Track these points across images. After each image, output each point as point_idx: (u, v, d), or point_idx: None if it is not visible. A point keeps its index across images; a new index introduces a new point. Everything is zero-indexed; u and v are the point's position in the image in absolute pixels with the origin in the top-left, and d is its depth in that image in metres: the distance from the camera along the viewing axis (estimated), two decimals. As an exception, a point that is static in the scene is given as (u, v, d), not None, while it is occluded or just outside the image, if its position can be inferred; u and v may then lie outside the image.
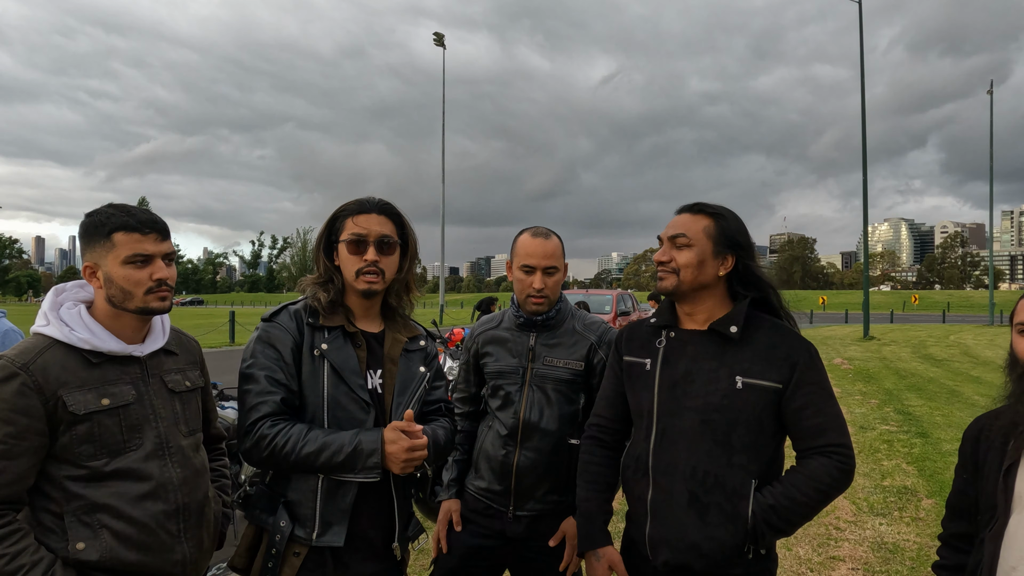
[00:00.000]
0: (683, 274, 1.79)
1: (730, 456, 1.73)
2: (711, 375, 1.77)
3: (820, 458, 1.72)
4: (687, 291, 1.83)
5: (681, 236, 1.80)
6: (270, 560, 1.77)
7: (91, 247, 1.62)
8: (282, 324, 1.86)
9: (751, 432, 1.74)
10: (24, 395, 1.50)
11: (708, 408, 1.75)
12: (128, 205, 1.65)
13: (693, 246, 1.80)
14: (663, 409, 1.81)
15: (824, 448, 1.72)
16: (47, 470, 1.55)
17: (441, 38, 33.38)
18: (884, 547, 4.36)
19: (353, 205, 1.91)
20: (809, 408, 1.74)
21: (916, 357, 17.27)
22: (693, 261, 1.79)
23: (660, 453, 1.80)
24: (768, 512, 1.69)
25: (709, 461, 1.74)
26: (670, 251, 1.82)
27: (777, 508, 1.69)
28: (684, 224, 1.82)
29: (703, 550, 1.71)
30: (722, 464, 1.73)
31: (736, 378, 1.75)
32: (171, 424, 1.69)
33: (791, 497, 1.69)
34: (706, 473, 1.73)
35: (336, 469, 1.73)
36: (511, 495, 2.28)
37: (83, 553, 1.53)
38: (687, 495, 1.74)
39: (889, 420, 8.59)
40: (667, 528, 1.76)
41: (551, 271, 2.27)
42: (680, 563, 1.75)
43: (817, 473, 1.70)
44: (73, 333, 1.58)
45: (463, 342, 2.65)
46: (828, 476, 1.70)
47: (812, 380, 1.76)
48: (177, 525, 1.65)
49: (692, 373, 1.80)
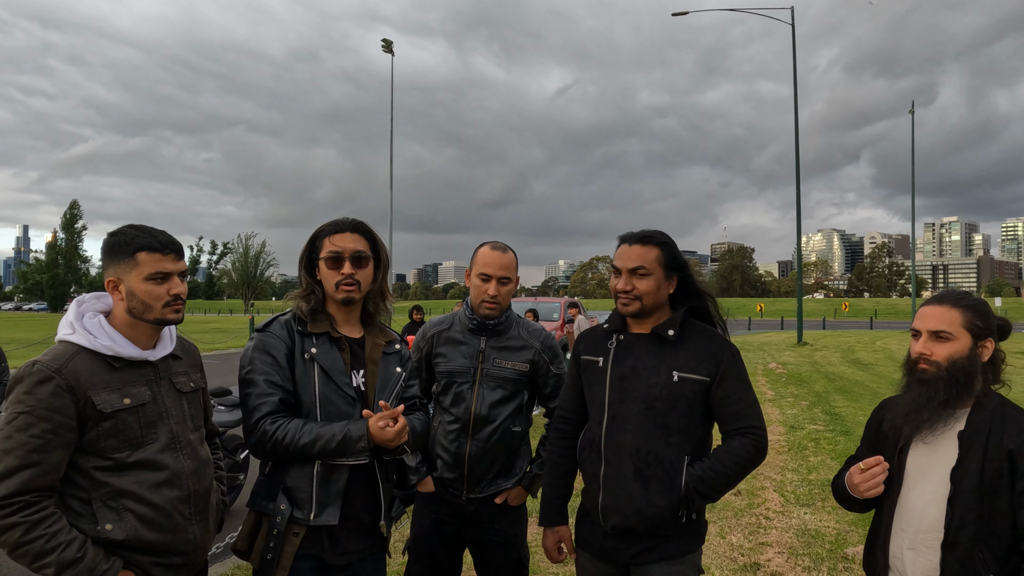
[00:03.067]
0: (645, 300, 2.11)
1: (668, 437, 2.07)
2: (653, 370, 2.10)
3: (740, 438, 2.07)
4: (649, 311, 2.15)
5: (641, 268, 2.11)
6: (271, 540, 2.00)
7: (115, 263, 1.83)
8: (275, 333, 2.11)
9: (685, 417, 2.08)
10: (58, 395, 1.68)
11: (650, 397, 2.08)
12: (150, 227, 1.86)
13: (651, 275, 2.11)
14: (614, 398, 2.13)
15: (743, 429, 2.07)
16: (76, 461, 1.74)
17: (389, 44, 33.26)
18: (807, 533, 4.80)
19: (330, 226, 2.18)
20: (731, 397, 2.09)
21: (845, 361, 18.29)
22: (652, 288, 2.11)
23: (611, 435, 2.12)
24: (698, 482, 2.03)
25: (651, 441, 2.06)
26: (631, 280, 2.12)
27: (705, 479, 2.03)
28: (640, 256, 2.12)
29: (646, 514, 2.04)
30: (661, 443, 2.06)
31: (673, 372, 2.08)
32: (180, 421, 1.90)
33: (716, 470, 2.04)
34: (648, 451, 2.06)
35: (331, 455, 1.99)
36: (464, 481, 2.57)
37: (111, 533, 1.73)
38: (633, 469, 2.06)
39: (817, 420, 9.21)
40: (616, 498, 2.08)
41: (504, 281, 2.59)
42: (627, 526, 2.07)
43: (737, 450, 2.06)
44: (97, 340, 1.77)
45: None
46: (746, 452, 2.05)
47: (734, 375, 2.11)
48: (189, 509, 1.86)
49: (637, 369, 2.13)
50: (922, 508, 1.84)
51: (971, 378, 1.82)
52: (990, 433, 1.77)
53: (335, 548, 2.07)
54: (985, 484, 1.74)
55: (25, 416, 1.66)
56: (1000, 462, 1.74)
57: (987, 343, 1.86)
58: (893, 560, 1.90)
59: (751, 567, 4.20)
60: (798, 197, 24.98)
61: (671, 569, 2.08)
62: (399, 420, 2.01)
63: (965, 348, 1.83)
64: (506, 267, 2.59)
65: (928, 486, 1.84)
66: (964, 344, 1.83)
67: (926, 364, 1.86)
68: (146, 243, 1.81)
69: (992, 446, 1.76)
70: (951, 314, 1.85)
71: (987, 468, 1.75)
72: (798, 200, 25.00)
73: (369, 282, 2.19)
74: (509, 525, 2.65)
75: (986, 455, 1.76)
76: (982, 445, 1.77)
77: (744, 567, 4.20)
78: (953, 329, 1.84)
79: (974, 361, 1.83)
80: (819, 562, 4.27)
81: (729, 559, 4.33)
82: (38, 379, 1.68)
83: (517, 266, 2.69)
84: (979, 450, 1.77)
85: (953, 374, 1.82)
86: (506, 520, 2.64)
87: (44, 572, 1.64)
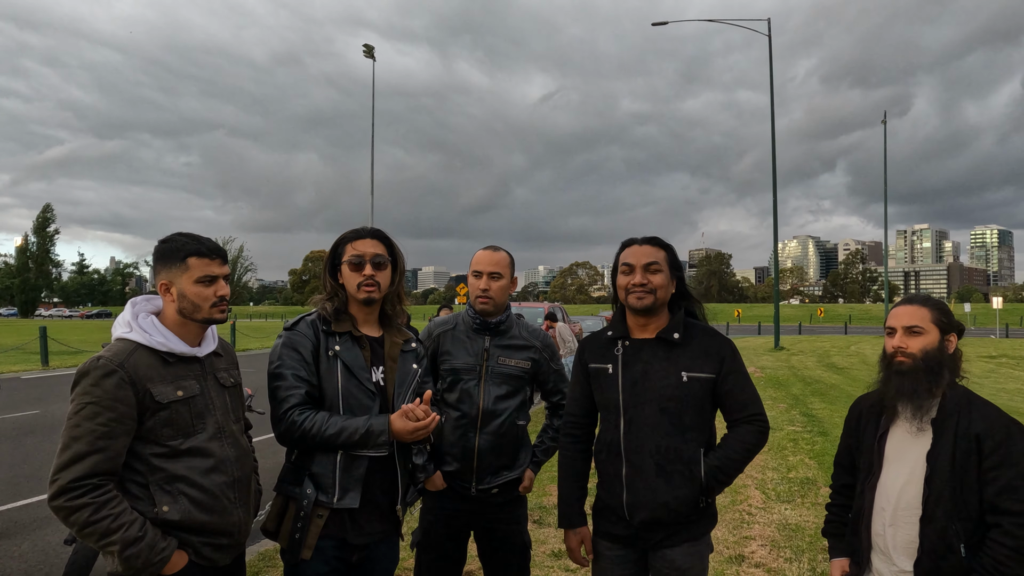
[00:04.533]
0: (659, 293, 2.26)
1: (683, 433, 2.22)
2: (663, 372, 2.25)
3: (745, 425, 2.25)
4: (659, 307, 2.29)
5: (654, 263, 2.27)
6: (298, 522, 2.14)
7: (166, 268, 1.98)
8: (301, 331, 2.26)
9: (697, 413, 2.24)
10: (121, 387, 1.82)
11: (664, 398, 2.23)
12: (197, 235, 2.01)
13: (662, 271, 2.28)
14: (628, 403, 2.27)
15: (748, 417, 2.25)
16: (135, 448, 1.87)
17: (371, 50, 33.28)
18: (788, 527, 5.01)
19: (351, 233, 2.34)
20: (735, 389, 2.26)
21: (820, 365, 18.71)
22: (664, 283, 2.27)
23: (630, 437, 2.25)
24: (714, 470, 2.20)
25: (669, 439, 2.21)
26: (647, 275, 2.26)
27: (721, 467, 2.21)
28: (653, 254, 2.29)
29: (672, 506, 2.19)
30: (678, 440, 2.21)
31: (682, 373, 2.23)
32: (224, 412, 2.04)
33: (728, 457, 2.21)
34: (667, 448, 2.21)
35: (353, 446, 2.14)
36: (473, 473, 2.72)
37: (167, 515, 1.86)
38: (655, 467, 2.21)
39: (795, 422, 9.49)
40: (642, 495, 2.22)
41: (495, 276, 2.76)
42: (654, 519, 2.22)
43: (744, 436, 2.23)
44: (152, 338, 1.92)
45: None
46: (752, 437, 2.23)
47: (735, 369, 2.28)
48: (234, 493, 2.00)
49: (648, 372, 2.26)
50: (901, 488, 2.03)
51: (942, 367, 2.03)
52: (959, 419, 1.98)
53: (356, 529, 2.21)
54: (956, 464, 1.94)
55: (92, 406, 1.79)
56: (968, 444, 1.94)
57: (951, 337, 2.09)
58: (875, 538, 2.09)
59: (736, 559, 4.39)
60: (775, 204, 25.47)
61: (692, 549, 2.25)
62: (429, 417, 2.16)
63: (935, 341, 2.06)
64: (496, 263, 2.76)
65: (906, 468, 2.04)
66: (934, 337, 2.06)
67: (903, 357, 2.06)
68: (195, 249, 1.96)
69: (961, 430, 1.96)
70: (921, 311, 2.08)
71: (958, 450, 1.95)
72: (775, 207, 25.49)
73: (388, 284, 2.34)
74: (514, 511, 2.81)
75: (956, 438, 1.96)
76: (952, 430, 1.97)
77: (730, 559, 4.39)
78: (924, 324, 2.06)
79: (943, 352, 2.05)
80: (799, 554, 4.47)
81: (715, 552, 4.50)
82: (103, 372, 1.82)
83: (512, 265, 2.85)
84: (950, 434, 1.97)
85: (928, 363, 2.03)
86: (512, 507, 2.80)
87: (109, 549, 1.77)
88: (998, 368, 18.37)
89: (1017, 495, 1.87)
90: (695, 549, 2.26)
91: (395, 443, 2.22)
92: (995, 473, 1.90)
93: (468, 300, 2.88)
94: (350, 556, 2.22)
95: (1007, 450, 1.90)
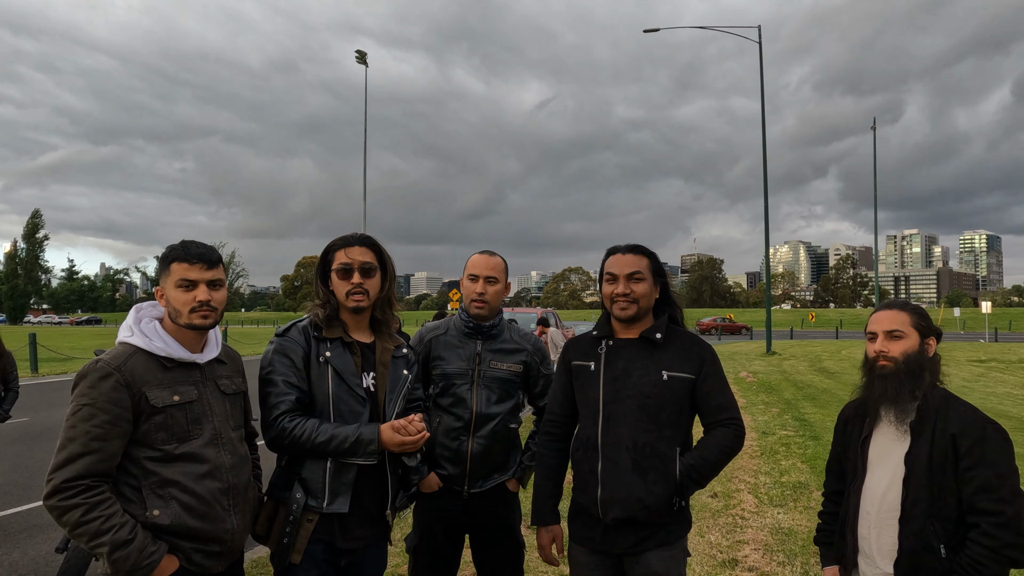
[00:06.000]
0: (642, 302, 2.30)
1: (660, 431, 2.24)
2: (644, 371, 2.28)
3: (722, 428, 2.26)
4: (643, 314, 2.32)
5: (637, 273, 2.30)
6: (287, 526, 2.14)
7: (160, 274, 2.02)
8: (293, 337, 2.26)
9: (675, 412, 2.27)
10: (117, 390, 1.84)
11: (643, 395, 2.25)
12: (190, 241, 2.02)
13: (645, 280, 2.31)
14: (608, 398, 2.30)
15: (724, 420, 2.27)
16: (129, 451, 1.87)
17: (363, 56, 33.30)
18: (781, 531, 5.03)
19: (340, 241, 2.35)
20: (713, 392, 2.29)
21: (812, 370, 18.80)
22: (647, 291, 2.31)
23: (607, 432, 2.27)
24: (689, 470, 2.21)
25: (646, 436, 2.23)
26: (630, 285, 2.30)
27: (696, 467, 2.22)
28: (636, 263, 2.31)
29: (646, 503, 2.20)
30: (655, 437, 2.23)
31: (663, 372, 2.27)
32: (223, 419, 2.05)
33: (704, 457, 2.23)
34: (644, 445, 2.23)
35: (343, 454, 2.15)
36: (466, 477, 2.73)
37: (158, 519, 1.86)
38: (631, 463, 2.22)
39: (787, 426, 9.52)
40: (616, 491, 2.23)
41: (491, 280, 2.78)
42: (628, 516, 2.22)
43: (720, 439, 2.25)
44: (152, 343, 1.93)
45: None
46: (728, 440, 2.25)
47: (714, 372, 2.31)
48: (228, 501, 2.00)
49: (629, 370, 2.30)
50: (883, 491, 2.06)
51: (923, 370, 2.06)
52: (936, 420, 2.00)
53: (345, 534, 2.22)
54: (934, 465, 1.97)
55: (88, 408, 1.81)
56: (945, 445, 1.97)
57: (931, 341, 2.12)
58: (861, 541, 2.11)
59: (729, 563, 4.41)
60: (766, 210, 25.62)
61: (666, 553, 2.25)
62: (420, 435, 2.18)
63: (915, 344, 2.09)
64: (492, 268, 2.78)
65: (887, 471, 2.06)
66: (914, 341, 2.09)
67: (885, 360, 2.09)
68: (178, 254, 1.98)
69: (938, 432, 1.99)
70: (901, 316, 2.12)
71: (935, 451, 1.97)
72: (766, 213, 25.64)
73: (377, 291, 2.34)
74: (508, 513, 2.83)
75: (934, 440, 1.98)
76: (930, 431, 2.00)
77: (723, 563, 4.40)
78: (904, 328, 2.10)
79: (923, 355, 2.09)
80: (792, 557, 4.49)
81: (708, 556, 4.53)
82: (100, 375, 1.84)
83: (506, 270, 2.86)
84: (928, 436, 2.00)
85: (909, 366, 2.06)
86: (505, 509, 2.81)
87: (99, 550, 1.77)
88: (987, 372, 18.51)
89: (994, 494, 1.89)
90: (670, 554, 2.26)
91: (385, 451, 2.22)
92: (971, 473, 1.92)
93: (461, 304, 2.89)
94: (339, 560, 2.23)
95: (983, 450, 1.93)
